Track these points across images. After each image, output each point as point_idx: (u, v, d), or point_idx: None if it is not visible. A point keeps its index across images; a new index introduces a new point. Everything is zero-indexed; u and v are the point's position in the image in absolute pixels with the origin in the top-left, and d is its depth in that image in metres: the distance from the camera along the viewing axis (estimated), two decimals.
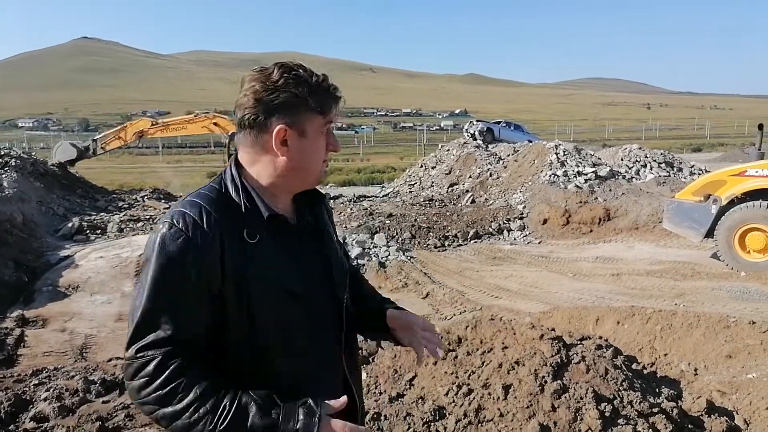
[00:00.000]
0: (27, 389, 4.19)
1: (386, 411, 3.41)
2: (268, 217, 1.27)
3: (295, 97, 1.24)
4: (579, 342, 3.87)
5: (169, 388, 1.14)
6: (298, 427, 1.14)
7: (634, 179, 13.61)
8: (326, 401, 1.21)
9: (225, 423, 1.12)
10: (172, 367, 1.15)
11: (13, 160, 14.34)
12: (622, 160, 15.01)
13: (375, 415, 3.37)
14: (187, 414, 1.13)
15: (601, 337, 4.18)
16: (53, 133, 72.81)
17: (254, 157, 1.30)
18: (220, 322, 1.23)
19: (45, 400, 3.93)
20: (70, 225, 11.36)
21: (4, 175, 12.73)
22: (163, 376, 1.15)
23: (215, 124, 17.64)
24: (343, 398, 1.23)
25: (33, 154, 17.78)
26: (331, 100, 1.30)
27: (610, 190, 12.14)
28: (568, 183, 12.50)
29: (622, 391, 3.36)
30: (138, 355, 1.16)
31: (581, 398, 3.23)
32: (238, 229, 1.24)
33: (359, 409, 1.47)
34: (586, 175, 12.76)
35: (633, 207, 10.94)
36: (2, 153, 15.03)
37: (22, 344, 5.73)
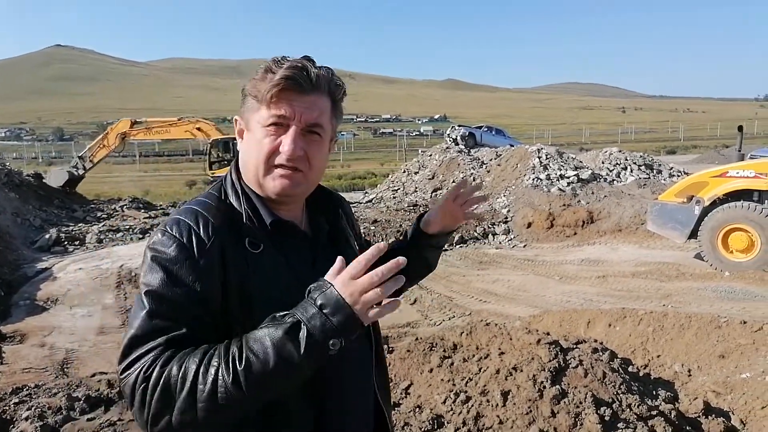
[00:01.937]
0: (7, 408, 4.02)
1: None
2: (272, 223, 1.15)
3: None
4: (575, 346, 3.85)
5: (170, 375, 0.95)
6: (319, 302, 0.95)
7: (615, 182, 13.78)
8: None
9: (243, 359, 0.94)
10: (165, 358, 0.98)
11: None
12: (603, 163, 15.19)
13: None
14: (200, 380, 0.93)
15: (596, 341, 4.16)
16: (27, 142, 71.53)
17: None
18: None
19: (27, 419, 3.76)
20: (47, 236, 11.09)
21: None
22: (162, 371, 0.96)
23: (198, 128, 17.52)
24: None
25: (7, 164, 17.37)
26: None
27: (593, 192, 12.25)
28: (551, 186, 12.58)
29: (621, 395, 3.34)
30: (134, 359, 0.99)
31: (580, 403, 3.21)
32: (240, 239, 1.11)
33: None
34: (569, 178, 12.87)
35: (615, 209, 11.05)
36: None
37: None
